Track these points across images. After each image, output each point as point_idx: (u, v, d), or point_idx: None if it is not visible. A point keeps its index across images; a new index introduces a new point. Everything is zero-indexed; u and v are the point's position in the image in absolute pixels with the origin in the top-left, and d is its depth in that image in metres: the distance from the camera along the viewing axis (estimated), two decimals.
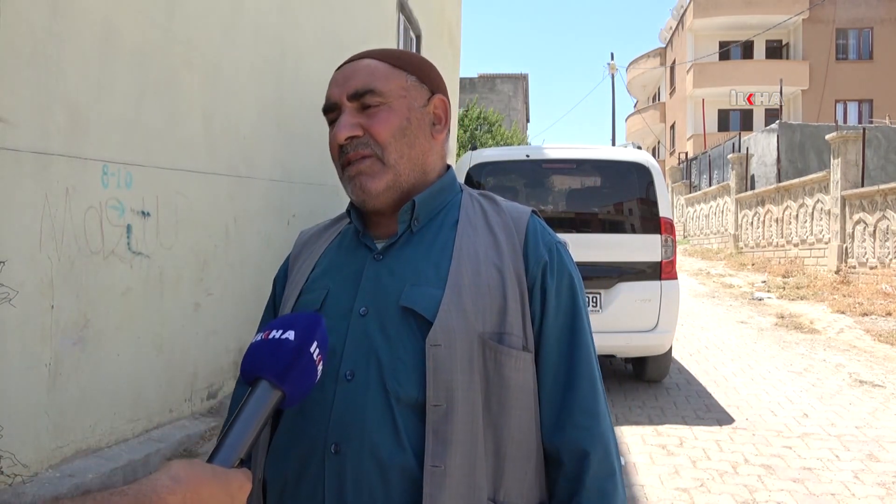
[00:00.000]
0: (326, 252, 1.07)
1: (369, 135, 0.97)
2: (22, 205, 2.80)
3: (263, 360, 0.78)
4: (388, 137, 0.97)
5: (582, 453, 0.95)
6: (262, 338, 0.81)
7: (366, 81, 0.98)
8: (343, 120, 0.98)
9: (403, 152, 0.99)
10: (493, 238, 0.99)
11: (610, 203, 5.52)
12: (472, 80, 29.76)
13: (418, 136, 1.01)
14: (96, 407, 3.25)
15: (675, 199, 23.58)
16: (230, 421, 0.75)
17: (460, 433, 0.89)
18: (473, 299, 0.93)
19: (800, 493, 3.57)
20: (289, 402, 0.79)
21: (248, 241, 4.70)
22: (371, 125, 0.97)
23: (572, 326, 0.99)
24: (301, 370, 0.78)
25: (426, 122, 1.02)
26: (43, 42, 2.89)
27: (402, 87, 1.00)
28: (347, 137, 0.97)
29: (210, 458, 0.71)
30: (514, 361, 0.93)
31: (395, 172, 0.98)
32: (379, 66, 1.00)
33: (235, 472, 0.70)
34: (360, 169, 0.98)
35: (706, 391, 5.63)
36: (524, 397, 0.95)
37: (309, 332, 0.81)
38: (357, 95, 0.98)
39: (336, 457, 0.90)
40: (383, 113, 0.98)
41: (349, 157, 0.98)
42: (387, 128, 0.97)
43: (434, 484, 0.87)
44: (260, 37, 4.85)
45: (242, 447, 0.73)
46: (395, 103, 0.99)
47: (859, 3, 26.51)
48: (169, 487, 0.62)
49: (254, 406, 0.76)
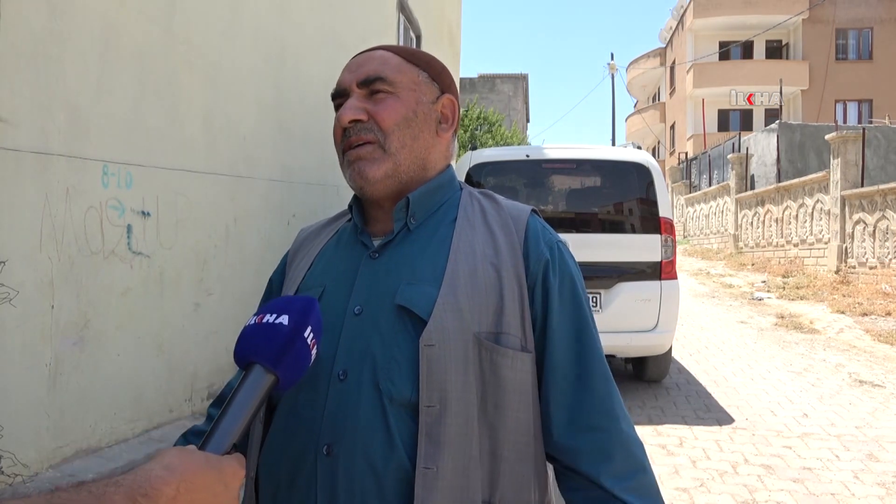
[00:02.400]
0: (324, 250, 1.06)
1: (374, 121, 0.97)
2: (22, 205, 2.80)
3: (257, 344, 0.77)
4: (391, 125, 0.97)
5: (604, 455, 0.93)
6: (256, 321, 0.79)
7: (377, 69, 0.99)
8: (349, 103, 0.98)
9: (406, 142, 0.98)
10: (491, 236, 0.98)
11: (610, 203, 5.52)
12: (472, 80, 29.74)
13: (423, 130, 1.00)
14: (96, 407, 3.25)
15: (675, 199, 23.57)
16: (223, 406, 0.74)
17: (454, 435, 0.87)
18: (469, 298, 0.91)
19: (800, 493, 3.57)
20: (282, 386, 0.77)
21: (249, 241, 4.70)
22: (377, 111, 0.97)
23: (578, 325, 0.97)
24: (295, 355, 0.77)
25: (432, 119, 1.02)
26: (43, 42, 2.89)
27: (413, 81, 1.00)
28: (351, 120, 0.96)
29: (203, 444, 0.71)
30: (511, 362, 0.91)
31: (394, 161, 0.97)
32: (392, 58, 1.00)
33: (229, 460, 0.69)
34: (360, 154, 0.97)
35: (706, 391, 5.63)
36: (522, 398, 0.93)
37: (303, 316, 0.79)
38: (367, 82, 0.98)
39: (328, 458, 0.88)
40: (390, 100, 0.98)
41: (350, 142, 0.97)
42: (392, 115, 0.97)
43: (426, 486, 0.85)
44: (260, 37, 4.85)
45: (236, 432, 0.72)
46: (403, 94, 0.99)
47: (859, 3, 26.51)
48: (162, 477, 0.62)
49: (247, 391, 0.74)
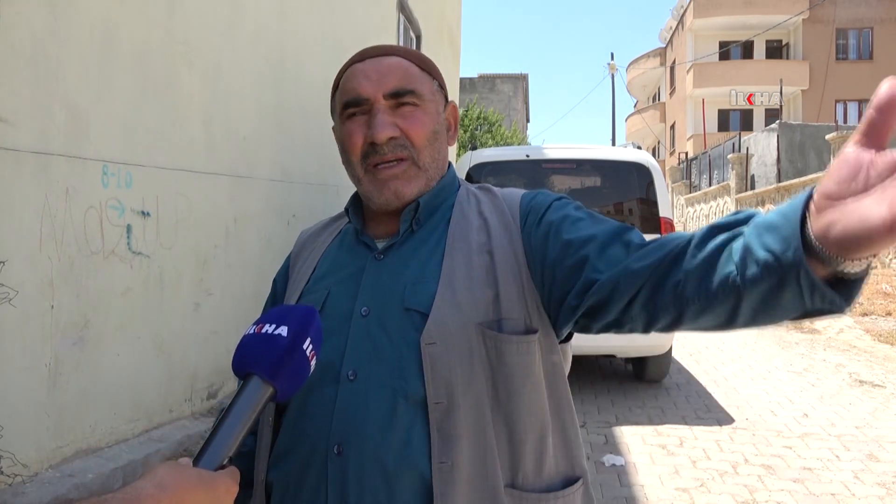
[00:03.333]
0: (327, 252, 1.06)
1: (406, 136, 0.95)
2: (22, 205, 2.80)
3: (255, 355, 0.76)
4: (424, 141, 0.97)
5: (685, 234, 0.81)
6: (255, 331, 0.78)
7: (406, 81, 0.97)
8: (382, 119, 0.95)
9: (434, 157, 0.99)
10: (484, 223, 0.98)
11: (610, 203, 5.52)
12: (472, 80, 29.72)
13: (443, 141, 1.01)
14: (96, 407, 3.25)
15: (675, 199, 23.57)
16: (219, 419, 0.73)
17: (465, 427, 0.87)
18: (468, 291, 0.91)
19: (800, 493, 3.57)
20: (280, 397, 0.77)
21: (248, 241, 4.70)
22: (409, 127, 0.96)
23: (586, 212, 0.96)
24: (293, 367, 0.76)
25: (445, 128, 1.03)
26: (43, 42, 2.89)
27: (431, 92, 1.00)
28: (389, 138, 0.95)
29: (197, 458, 0.70)
30: (517, 347, 0.91)
31: (427, 177, 0.98)
32: (411, 67, 0.99)
33: (222, 476, 0.69)
34: (396, 173, 0.96)
35: (706, 391, 5.63)
36: (532, 379, 0.92)
37: (303, 326, 0.78)
38: (396, 94, 0.96)
39: (339, 458, 0.88)
40: (419, 114, 0.97)
41: (385, 158, 0.95)
42: (424, 131, 0.97)
43: (444, 480, 0.85)
44: (260, 36, 4.84)
45: (231, 446, 0.71)
46: (429, 107, 0.98)
47: (859, 3, 26.51)
48: (153, 496, 0.61)
49: (243, 403, 0.74)
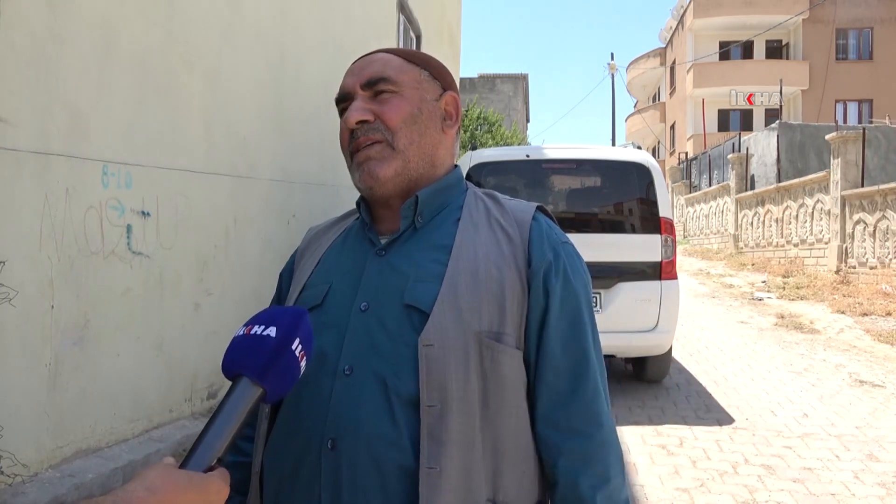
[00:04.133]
0: (331, 248, 1.07)
1: (380, 120, 0.98)
2: (22, 205, 2.80)
3: (244, 356, 0.76)
4: (398, 123, 0.98)
5: (584, 459, 0.94)
6: (244, 333, 0.78)
7: (380, 70, 1.00)
8: (355, 105, 0.99)
9: (413, 139, 0.99)
10: (494, 236, 0.98)
11: (610, 203, 5.52)
12: (472, 80, 29.70)
13: (429, 127, 1.01)
14: (96, 407, 3.25)
15: (675, 199, 23.56)
16: (208, 420, 0.73)
17: (456, 433, 0.88)
18: (470, 298, 0.92)
19: (800, 493, 3.57)
20: (269, 398, 0.77)
21: (249, 241, 4.70)
22: (383, 111, 0.98)
23: (577, 329, 0.97)
24: (282, 368, 0.76)
25: (437, 116, 1.03)
26: (43, 42, 2.89)
27: (416, 80, 1.02)
28: (358, 121, 0.97)
29: (185, 460, 0.70)
30: (510, 359, 0.92)
31: (404, 159, 0.98)
32: (393, 59, 1.02)
33: (212, 477, 0.69)
34: (369, 154, 0.98)
35: (706, 391, 5.63)
36: (519, 395, 0.94)
37: (292, 327, 0.78)
38: (371, 83, 0.99)
39: (332, 452, 0.89)
40: (395, 100, 0.99)
41: (358, 143, 0.98)
42: (398, 113, 0.98)
43: (430, 485, 0.86)
44: (260, 37, 4.85)
45: (220, 447, 0.72)
46: (407, 92, 1.00)
47: (859, 3, 26.50)
48: (144, 499, 0.61)
49: (232, 404, 0.74)
